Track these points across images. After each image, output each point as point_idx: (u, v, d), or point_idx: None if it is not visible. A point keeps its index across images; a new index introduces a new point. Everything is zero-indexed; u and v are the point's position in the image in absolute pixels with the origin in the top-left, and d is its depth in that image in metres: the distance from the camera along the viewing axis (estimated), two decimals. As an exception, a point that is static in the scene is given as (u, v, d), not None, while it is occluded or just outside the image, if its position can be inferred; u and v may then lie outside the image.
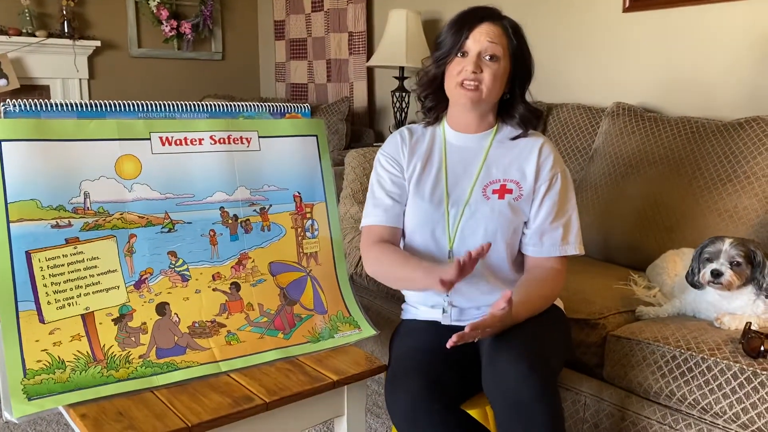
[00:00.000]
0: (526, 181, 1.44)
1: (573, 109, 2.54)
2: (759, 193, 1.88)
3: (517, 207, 1.43)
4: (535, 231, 1.44)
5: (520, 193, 1.44)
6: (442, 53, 1.42)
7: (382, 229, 1.48)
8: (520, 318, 1.30)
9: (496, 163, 1.46)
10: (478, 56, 1.37)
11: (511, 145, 1.47)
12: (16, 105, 1.28)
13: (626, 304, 1.75)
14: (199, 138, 1.46)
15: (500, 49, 1.38)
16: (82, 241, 1.30)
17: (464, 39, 1.38)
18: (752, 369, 1.36)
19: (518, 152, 1.46)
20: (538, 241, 1.44)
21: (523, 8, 2.92)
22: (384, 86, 3.78)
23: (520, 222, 1.44)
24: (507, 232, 1.43)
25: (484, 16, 1.40)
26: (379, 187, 1.51)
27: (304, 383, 1.30)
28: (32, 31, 3.68)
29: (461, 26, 1.39)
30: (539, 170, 1.44)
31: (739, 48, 2.27)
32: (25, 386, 1.18)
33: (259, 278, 1.48)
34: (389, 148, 1.53)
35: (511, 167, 1.45)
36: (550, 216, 1.43)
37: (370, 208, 1.51)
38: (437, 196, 1.46)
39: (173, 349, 1.33)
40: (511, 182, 1.44)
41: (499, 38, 1.39)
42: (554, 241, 1.43)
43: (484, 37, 1.37)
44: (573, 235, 1.45)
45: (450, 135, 1.50)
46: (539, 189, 1.44)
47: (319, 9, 4.06)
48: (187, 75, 4.41)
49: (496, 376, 1.24)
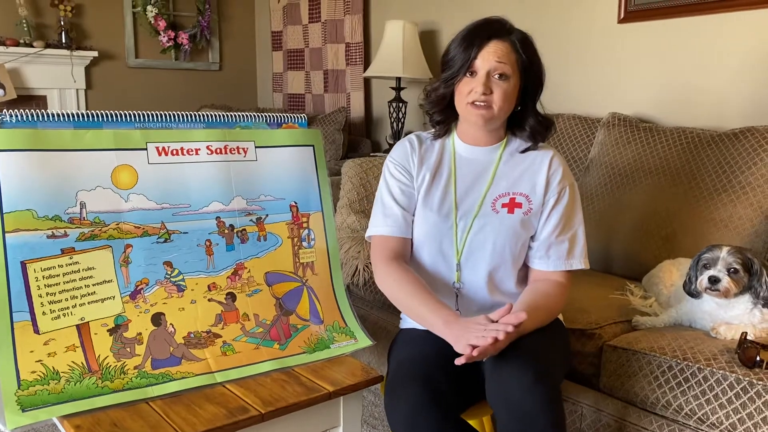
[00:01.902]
0: (536, 195, 1.44)
1: (569, 120, 2.55)
2: (754, 203, 1.88)
3: (528, 222, 1.43)
4: (542, 244, 1.44)
5: (529, 207, 1.43)
6: (451, 73, 1.39)
7: (394, 242, 1.46)
8: (525, 331, 1.30)
9: (506, 176, 1.45)
10: (488, 76, 1.35)
11: (520, 158, 1.46)
12: (13, 115, 1.28)
13: (623, 313, 1.76)
14: (195, 148, 1.46)
15: (509, 68, 1.36)
16: (77, 251, 1.30)
17: (473, 59, 1.36)
18: (748, 379, 1.36)
19: (528, 165, 1.45)
20: (544, 254, 1.44)
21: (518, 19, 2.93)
22: (381, 96, 3.80)
23: (528, 236, 1.44)
24: (515, 246, 1.43)
25: (492, 34, 1.37)
26: (388, 195, 1.48)
27: (300, 394, 1.29)
28: (30, 41, 3.69)
29: (469, 44, 1.36)
30: (549, 183, 1.43)
31: (733, 59, 2.29)
32: (19, 397, 1.17)
33: (255, 288, 1.48)
34: (398, 156, 1.50)
35: (520, 180, 1.45)
36: (557, 229, 1.43)
37: (380, 217, 1.49)
38: (446, 208, 1.45)
39: (168, 359, 1.33)
40: (521, 196, 1.44)
41: (508, 56, 1.36)
42: (560, 255, 1.43)
43: (493, 56, 1.35)
44: (579, 249, 1.45)
45: (460, 147, 1.49)
46: (548, 202, 1.43)
47: (316, 20, 4.08)
48: (185, 85, 4.42)
49: (501, 386, 1.23)
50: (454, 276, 1.44)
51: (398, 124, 3.39)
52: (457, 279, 1.44)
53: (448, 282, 1.46)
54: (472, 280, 1.44)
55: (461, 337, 1.23)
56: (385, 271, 1.43)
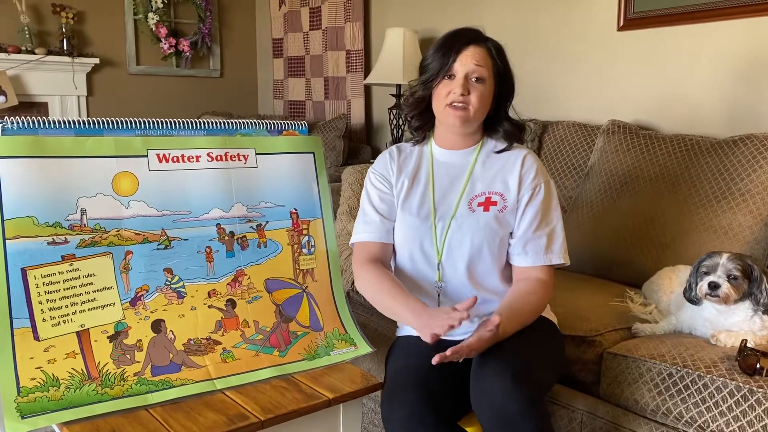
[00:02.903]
0: (510, 192, 1.47)
1: (568, 127, 2.55)
2: (753, 210, 1.89)
3: (503, 218, 1.46)
4: (519, 239, 1.46)
5: (504, 204, 1.46)
6: (429, 76, 1.45)
7: (373, 246, 1.51)
8: (507, 332, 1.32)
9: (481, 177, 1.49)
10: (465, 78, 1.41)
11: (495, 158, 1.51)
12: (14, 122, 1.29)
13: (622, 321, 1.75)
14: (196, 155, 1.47)
15: (486, 72, 1.42)
16: (78, 258, 1.30)
17: (452, 62, 1.42)
18: (748, 387, 1.36)
19: (502, 165, 1.49)
20: (521, 250, 1.46)
21: (519, 27, 2.95)
22: (381, 103, 3.81)
23: (506, 233, 1.46)
24: (493, 243, 1.45)
25: (470, 40, 1.43)
26: (368, 204, 1.54)
27: (300, 401, 1.29)
28: (32, 48, 3.71)
29: (448, 49, 1.43)
30: (522, 180, 1.47)
31: (732, 66, 2.29)
32: (19, 404, 1.17)
33: (255, 295, 1.48)
34: (379, 166, 1.57)
35: (495, 180, 1.48)
36: (533, 224, 1.45)
37: (360, 225, 1.54)
38: (424, 211, 1.49)
39: (168, 366, 1.33)
40: (496, 194, 1.47)
41: (485, 60, 1.43)
42: (538, 250, 1.45)
43: (471, 60, 1.41)
44: (557, 244, 1.47)
45: (437, 152, 1.54)
46: (522, 198, 1.46)
47: (317, 27, 4.09)
48: (185, 92, 4.43)
49: (483, 390, 1.25)
50: (436, 276, 1.47)
51: (398, 130, 3.40)
52: (438, 278, 1.47)
53: (432, 282, 1.48)
54: (453, 279, 1.47)
55: (426, 325, 1.27)
56: (360, 273, 1.49)
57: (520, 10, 2.96)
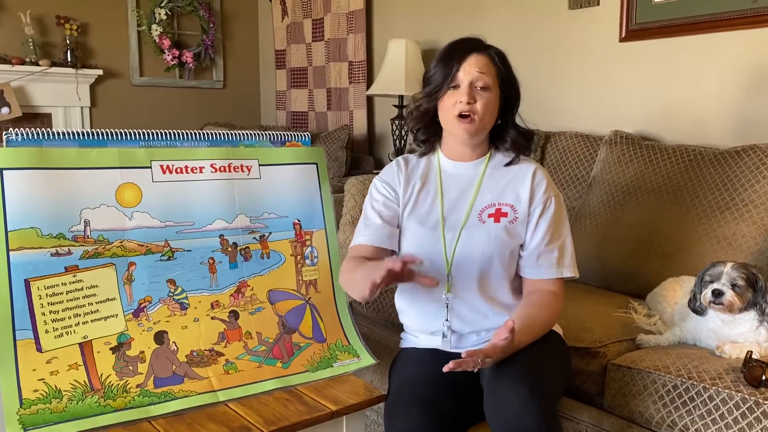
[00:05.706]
0: (521, 204, 1.46)
1: (571, 138, 2.55)
2: (757, 221, 1.88)
3: (513, 230, 1.45)
4: (532, 253, 1.45)
5: (515, 216, 1.45)
6: (433, 87, 1.44)
7: (364, 248, 1.48)
8: (521, 344, 1.30)
9: (490, 189, 1.48)
10: (470, 87, 1.40)
11: (504, 171, 1.50)
12: (18, 134, 1.29)
13: (626, 332, 1.74)
14: (199, 166, 1.47)
15: (490, 79, 1.41)
16: (81, 269, 1.30)
17: (455, 72, 1.41)
18: (754, 399, 1.35)
19: (512, 177, 1.48)
20: (534, 263, 1.45)
21: (521, 38, 2.96)
22: (383, 114, 3.81)
23: (516, 245, 1.45)
24: (503, 255, 1.44)
25: (471, 48, 1.43)
26: (371, 209, 1.52)
27: (303, 413, 1.29)
28: (35, 60, 3.73)
29: (450, 59, 1.42)
30: (533, 194, 1.46)
31: (734, 77, 2.29)
32: (21, 416, 1.17)
33: (258, 306, 1.48)
34: (386, 175, 1.55)
35: (505, 191, 1.47)
36: (546, 238, 1.45)
37: (361, 228, 1.52)
38: (433, 221, 1.47)
39: (171, 378, 1.32)
40: (506, 206, 1.46)
41: (488, 68, 1.42)
42: (551, 263, 1.44)
43: (474, 68, 1.40)
44: (568, 258, 1.47)
45: (445, 163, 1.53)
46: (534, 212, 1.45)
47: (319, 39, 4.11)
48: (189, 103, 4.45)
49: (498, 403, 1.23)
50: (445, 287, 1.45)
51: (401, 141, 3.41)
52: (447, 289, 1.44)
53: (441, 294, 1.45)
54: (464, 290, 1.45)
55: (367, 276, 1.24)
56: (341, 268, 1.47)
57: (522, 20, 2.97)
